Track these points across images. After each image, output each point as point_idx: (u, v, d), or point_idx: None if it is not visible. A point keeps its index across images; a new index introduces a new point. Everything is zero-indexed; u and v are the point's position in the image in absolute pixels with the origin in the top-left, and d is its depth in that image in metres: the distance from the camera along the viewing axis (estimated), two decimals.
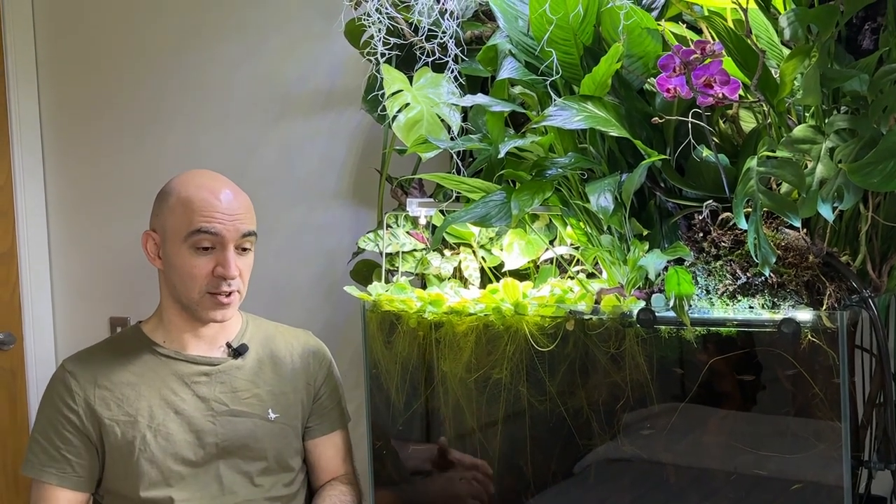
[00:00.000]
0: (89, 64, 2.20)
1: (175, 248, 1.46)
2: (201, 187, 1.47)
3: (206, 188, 1.47)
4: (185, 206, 1.45)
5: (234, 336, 1.57)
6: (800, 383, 1.09)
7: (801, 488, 1.10)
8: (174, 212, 1.46)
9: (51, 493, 1.46)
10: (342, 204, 1.92)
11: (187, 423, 1.48)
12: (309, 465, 1.61)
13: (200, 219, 1.44)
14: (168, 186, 1.50)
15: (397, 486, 1.42)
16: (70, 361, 1.53)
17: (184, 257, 1.45)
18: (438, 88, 1.46)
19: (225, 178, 1.52)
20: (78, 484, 1.47)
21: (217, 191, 1.47)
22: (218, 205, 1.45)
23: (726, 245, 1.15)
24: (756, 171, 1.06)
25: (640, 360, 1.17)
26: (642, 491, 1.20)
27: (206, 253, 1.45)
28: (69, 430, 1.47)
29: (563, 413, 1.23)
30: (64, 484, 1.46)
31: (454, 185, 1.34)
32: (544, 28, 1.23)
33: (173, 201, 1.47)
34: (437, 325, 1.32)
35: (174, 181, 1.50)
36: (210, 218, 1.44)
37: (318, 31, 1.89)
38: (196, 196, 1.45)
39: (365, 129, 1.87)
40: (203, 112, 2.07)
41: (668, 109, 1.21)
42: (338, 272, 1.87)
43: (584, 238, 1.30)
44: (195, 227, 1.44)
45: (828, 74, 1.08)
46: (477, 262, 1.51)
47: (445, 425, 1.34)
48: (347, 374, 1.80)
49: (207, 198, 1.45)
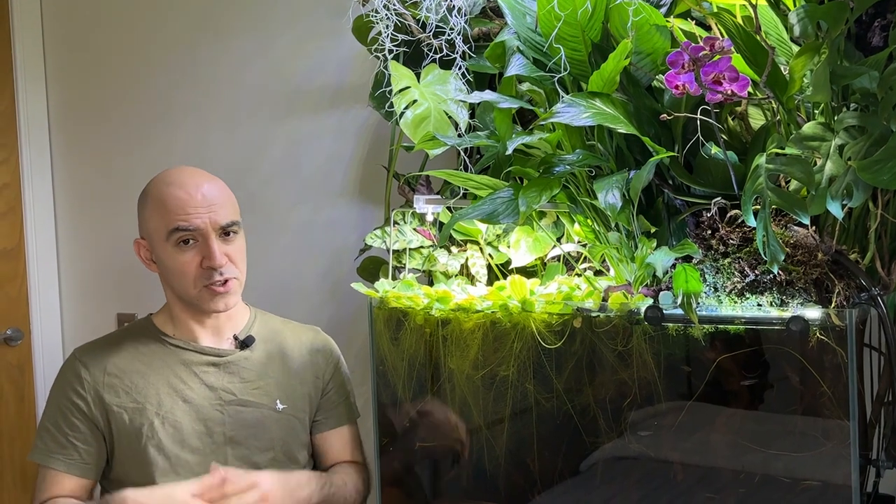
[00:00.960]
0: (97, 62, 2.21)
1: (161, 249, 1.48)
2: (172, 185, 1.47)
3: (176, 185, 1.47)
4: (160, 208, 1.47)
5: (242, 328, 1.58)
6: (808, 381, 1.09)
7: (808, 487, 1.10)
8: (153, 215, 1.48)
9: (57, 479, 1.47)
10: (349, 200, 1.92)
11: (195, 411, 1.49)
12: (317, 458, 1.62)
13: (175, 217, 1.45)
14: (144, 191, 1.52)
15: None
16: (81, 350, 1.55)
17: (171, 257, 1.47)
18: (446, 85, 1.46)
19: (199, 171, 1.52)
20: (84, 471, 1.48)
21: (188, 186, 1.47)
22: (190, 200, 1.45)
23: (735, 242, 1.14)
24: (765, 168, 1.06)
25: (648, 357, 1.17)
26: (649, 489, 1.20)
27: (190, 247, 1.46)
28: (77, 416, 1.48)
29: (570, 410, 1.23)
30: (70, 470, 1.47)
31: (461, 182, 1.34)
32: (552, 24, 1.23)
33: (150, 205, 1.49)
34: (444, 321, 1.32)
35: (149, 185, 1.52)
36: (184, 214, 1.45)
37: (325, 28, 1.89)
38: (168, 195, 1.46)
39: (372, 126, 1.87)
40: (211, 109, 2.07)
41: (676, 106, 1.21)
42: (345, 269, 1.88)
43: (592, 235, 1.30)
44: (172, 227, 1.45)
45: (837, 71, 1.07)
46: (484, 259, 1.51)
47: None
48: (354, 370, 1.80)
49: (179, 195, 1.46)
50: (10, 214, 2.21)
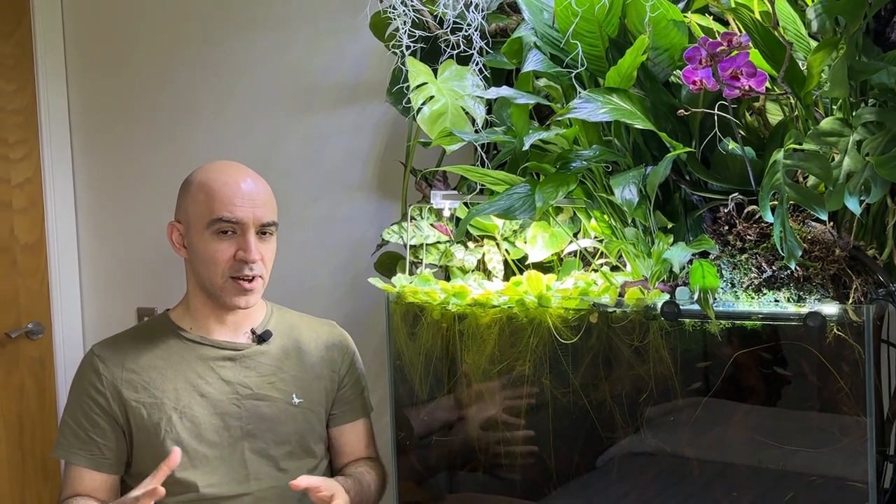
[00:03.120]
0: (117, 59, 2.23)
1: (198, 236, 1.49)
2: (222, 176, 1.50)
3: (226, 177, 1.50)
4: (206, 196, 1.49)
5: (259, 323, 1.59)
6: (825, 377, 1.09)
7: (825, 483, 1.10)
8: (196, 201, 1.50)
9: (81, 475, 1.50)
10: (366, 196, 1.93)
11: (212, 405, 1.51)
12: (332, 451, 1.63)
13: (221, 207, 1.47)
14: (190, 177, 1.54)
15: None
16: (99, 346, 1.57)
17: (206, 244, 1.49)
18: (463, 81, 1.46)
19: (246, 168, 1.55)
20: (106, 466, 1.50)
21: (237, 180, 1.50)
22: (238, 193, 1.48)
23: (752, 238, 1.14)
24: (782, 163, 1.06)
25: (664, 353, 1.17)
26: (665, 484, 1.20)
27: (228, 238, 1.48)
28: (97, 412, 1.50)
29: (587, 406, 1.23)
30: (93, 466, 1.49)
31: (478, 178, 1.34)
32: (569, 20, 1.23)
33: (195, 191, 1.51)
34: (461, 316, 1.33)
35: (196, 172, 1.54)
36: (231, 206, 1.47)
37: (343, 24, 1.90)
38: (217, 185, 1.49)
39: (389, 122, 1.88)
40: (229, 105, 2.09)
41: (693, 102, 1.21)
42: (362, 264, 1.88)
43: (609, 231, 1.30)
44: (216, 216, 1.47)
45: (855, 67, 1.07)
46: (500, 255, 1.51)
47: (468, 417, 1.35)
48: (371, 364, 1.81)
49: (228, 187, 1.49)
50: (32, 209, 2.23)
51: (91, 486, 1.50)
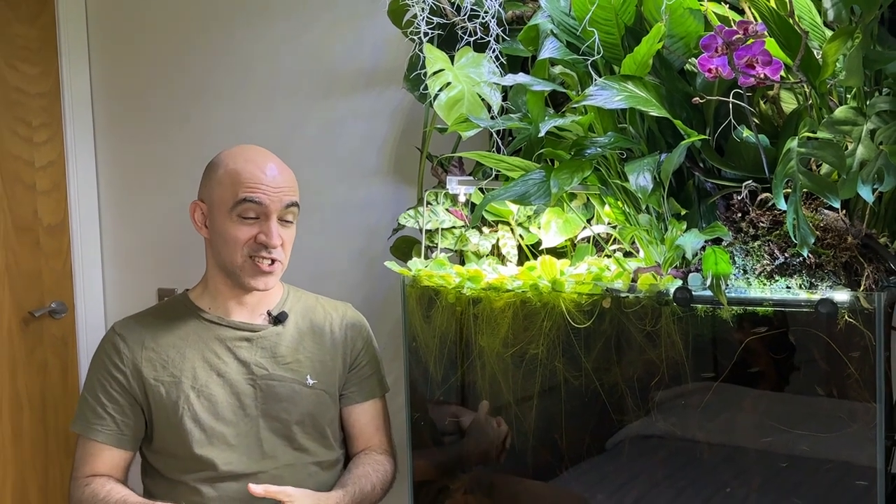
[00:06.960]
0: (139, 44, 2.25)
1: (221, 217, 1.51)
2: (248, 160, 1.52)
3: (252, 161, 1.52)
4: (232, 178, 1.50)
5: (275, 305, 1.62)
6: (835, 363, 1.09)
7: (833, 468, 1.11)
8: (221, 183, 1.51)
9: (96, 449, 1.53)
10: (383, 181, 1.94)
11: (229, 385, 1.53)
12: (345, 431, 1.65)
13: (246, 189, 1.49)
14: (217, 159, 1.56)
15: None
16: (120, 324, 1.60)
17: (229, 226, 1.51)
18: (479, 68, 1.47)
19: (271, 153, 1.57)
20: (122, 442, 1.53)
21: (263, 164, 1.52)
22: (263, 177, 1.50)
23: (764, 225, 1.15)
24: (796, 151, 1.06)
25: (676, 338, 1.18)
26: (675, 467, 1.22)
27: (251, 222, 1.50)
28: (116, 389, 1.53)
29: (598, 389, 1.25)
30: (109, 441, 1.53)
31: (494, 164, 1.35)
32: (586, 8, 1.24)
33: (221, 173, 1.52)
34: (476, 300, 1.34)
35: (223, 154, 1.56)
36: (255, 189, 1.49)
37: (362, 10, 1.91)
38: (243, 168, 1.51)
39: (406, 108, 1.89)
40: (249, 90, 2.11)
41: (708, 90, 1.21)
42: (378, 248, 1.90)
43: (622, 217, 1.31)
44: (241, 197, 1.49)
45: (870, 56, 1.07)
46: (515, 240, 1.53)
47: (482, 399, 1.37)
48: (387, 346, 1.83)
49: (254, 170, 1.50)
50: (55, 191, 2.26)
51: (108, 461, 1.53)
